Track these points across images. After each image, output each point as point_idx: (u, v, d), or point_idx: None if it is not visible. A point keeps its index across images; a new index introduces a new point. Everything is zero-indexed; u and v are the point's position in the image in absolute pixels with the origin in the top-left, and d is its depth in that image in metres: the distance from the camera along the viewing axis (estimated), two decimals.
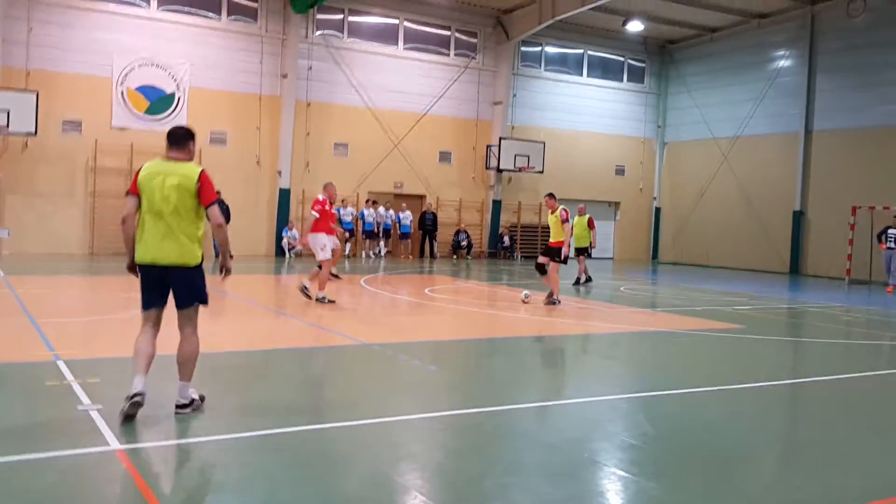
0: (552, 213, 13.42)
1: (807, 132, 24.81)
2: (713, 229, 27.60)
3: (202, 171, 5.33)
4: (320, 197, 12.32)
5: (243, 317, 11.23)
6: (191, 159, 5.47)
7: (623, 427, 5.72)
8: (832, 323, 13.00)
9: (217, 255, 22.22)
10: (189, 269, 5.30)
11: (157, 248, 5.22)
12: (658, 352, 9.73)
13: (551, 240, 13.47)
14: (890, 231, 19.58)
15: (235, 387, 6.65)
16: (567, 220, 13.21)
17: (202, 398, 5.52)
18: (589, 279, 17.38)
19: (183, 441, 4.90)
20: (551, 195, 13.77)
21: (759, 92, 26.30)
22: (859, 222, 22.05)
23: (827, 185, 24.14)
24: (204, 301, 5.48)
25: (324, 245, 11.96)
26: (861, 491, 4.45)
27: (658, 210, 30.43)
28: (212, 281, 5.79)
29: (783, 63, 25.76)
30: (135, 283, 5.45)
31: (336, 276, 15.06)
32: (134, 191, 5.28)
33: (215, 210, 5.30)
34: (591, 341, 10.33)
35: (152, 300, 5.38)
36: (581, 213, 17.94)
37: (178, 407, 5.34)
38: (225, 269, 5.58)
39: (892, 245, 19.37)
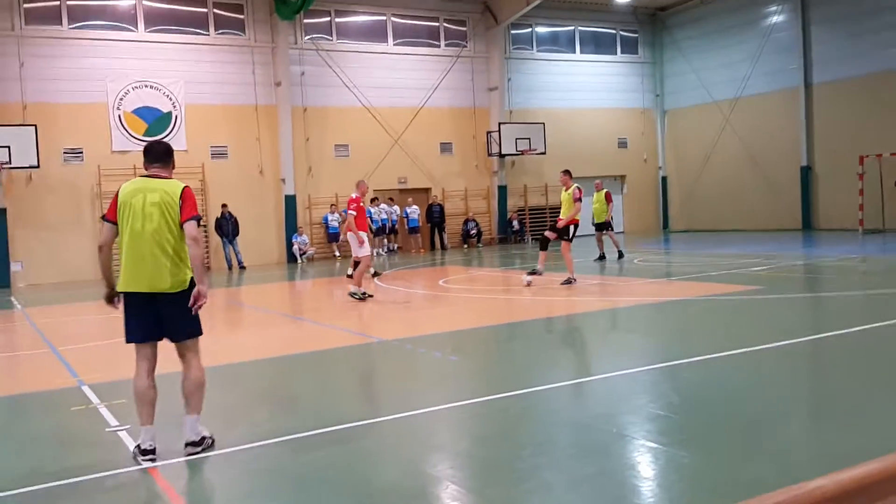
0: (566, 189, 13.22)
1: (807, 86, 24.60)
2: (721, 193, 27.45)
3: (185, 187, 4.93)
4: (354, 195, 12.55)
5: (261, 325, 11.29)
6: (170, 176, 5.05)
7: (649, 399, 5.72)
8: (850, 275, 12.93)
9: (229, 267, 22.27)
10: (180, 295, 4.77)
11: (143, 274, 4.73)
12: (678, 320, 9.71)
13: (561, 217, 13.31)
14: None
15: (260, 393, 6.69)
16: (580, 199, 13.02)
17: (213, 439, 4.92)
18: (602, 257, 17.33)
19: (216, 452, 4.93)
20: (567, 172, 13.57)
21: (756, 50, 26.08)
22: (868, 171, 21.87)
23: (832, 137, 23.94)
24: (198, 332, 4.96)
25: (362, 241, 12.25)
26: (891, 440, 4.44)
27: (664, 179, 30.29)
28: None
29: (776, 19, 25.52)
30: None
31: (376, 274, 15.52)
32: (112, 216, 4.85)
33: (192, 225, 4.79)
34: (610, 316, 10.32)
35: (144, 332, 4.84)
36: (598, 189, 17.86)
37: (188, 444, 4.78)
38: (198, 297, 4.76)
39: None
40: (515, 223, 27.02)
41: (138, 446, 4.72)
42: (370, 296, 12.44)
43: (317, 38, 23.98)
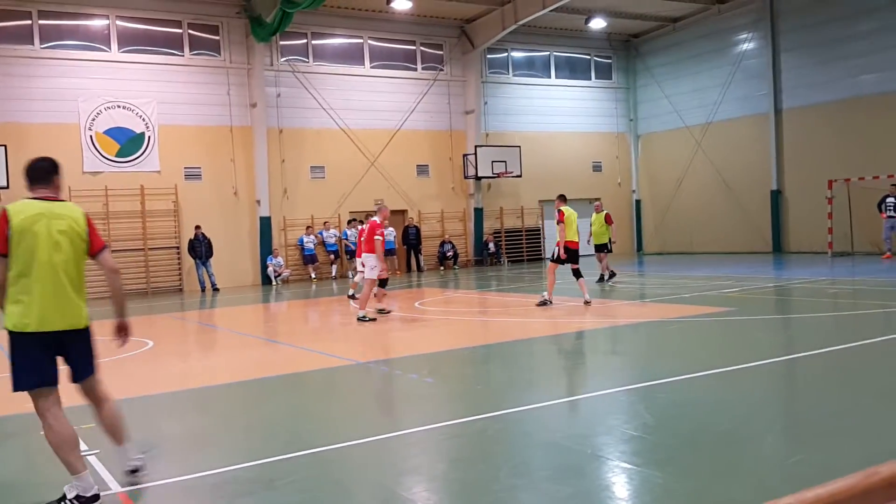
0: (597, 212, 14.26)
1: (776, 112, 25.08)
2: (694, 216, 27.81)
3: (85, 213, 4.52)
4: (377, 220, 12.89)
5: (235, 348, 11.16)
6: (62, 198, 4.51)
7: (623, 420, 5.74)
8: (819, 297, 13.12)
9: (203, 289, 22.08)
10: (87, 331, 4.50)
11: (58, 310, 4.27)
12: (652, 342, 9.77)
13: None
14: (888, 199, 19.91)
15: (232, 417, 6.61)
16: (561, 221, 13.33)
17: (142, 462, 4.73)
18: (613, 274, 17.30)
19: (185, 477, 4.85)
20: (560, 197, 13.93)
21: (726, 77, 26.60)
22: (836, 195, 22.31)
23: (801, 162, 24.40)
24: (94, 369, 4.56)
25: (374, 265, 12.59)
26: (861, 459, 4.48)
27: (638, 202, 30.63)
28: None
29: (747, 46, 26.07)
30: (132, 325, 5.05)
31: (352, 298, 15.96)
32: (2, 249, 4.20)
33: (108, 256, 4.53)
34: (585, 337, 10.36)
35: (49, 376, 4.28)
36: (598, 211, 17.87)
37: (132, 473, 4.62)
38: (122, 329, 4.65)
39: (893, 213, 19.76)
40: (491, 245, 27.12)
41: (84, 497, 4.22)
42: (373, 319, 12.47)
43: (293, 59, 24.04)
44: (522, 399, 6.60)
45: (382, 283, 13.13)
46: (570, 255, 13.43)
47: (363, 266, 13.09)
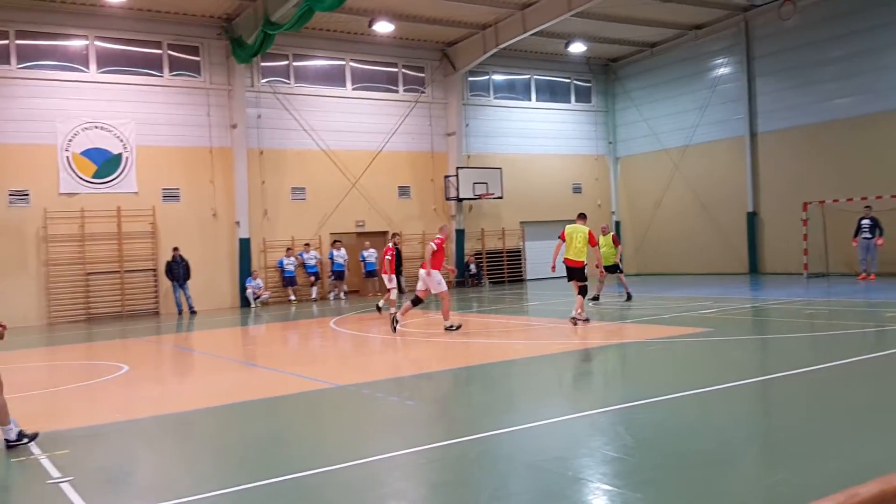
0: (603, 234, 14.63)
1: (752, 135, 25.45)
2: (673, 237, 28.03)
3: None
4: (440, 237, 14.09)
5: (213, 372, 11.04)
6: None
7: (604, 441, 5.73)
8: (796, 317, 13.24)
9: (180, 312, 21.87)
10: None
11: None
12: (632, 362, 9.79)
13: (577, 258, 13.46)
14: (863, 222, 20.22)
15: (208, 443, 6.51)
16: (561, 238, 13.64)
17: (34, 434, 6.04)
18: (628, 297, 17.19)
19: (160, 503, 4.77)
20: (579, 215, 14.25)
21: (703, 100, 26.98)
22: (811, 217, 22.61)
23: (777, 184, 24.73)
24: None
25: (439, 280, 13.51)
26: (840, 477, 4.51)
27: (618, 224, 30.84)
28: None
29: (723, 70, 26.49)
30: (99, 350, 5.11)
31: (379, 310, 17.29)
32: None
33: None
34: (567, 358, 10.35)
35: None
36: (605, 233, 17.75)
37: (10, 444, 5.89)
38: None
39: (867, 235, 20.04)
40: (473, 267, 27.14)
41: None
42: (459, 326, 13.24)
43: (274, 81, 24.06)
44: (503, 421, 6.57)
45: (416, 301, 13.76)
46: (568, 272, 13.44)
47: (403, 281, 14.20)
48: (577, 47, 26.91)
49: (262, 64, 23.82)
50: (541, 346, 11.56)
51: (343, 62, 25.32)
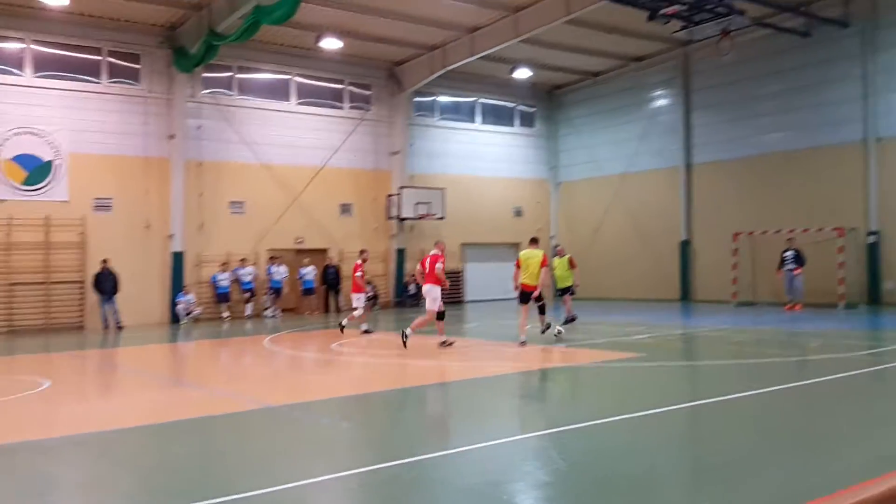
0: (559, 257, 15.43)
1: (687, 166, 26.19)
2: (609, 263, 28.48)
3: None
4: (438, 252, 13.94)
5: (138, 389, 10.68)
6: None
7: (537, 465, 5.73)
8: (724, 345, 13.59)
9: (106, 326, 21.15)
10: None
11: None
12: (565, 387, 9.87)
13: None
14: (787, 254, 20.93)
15: (132, 464, 6.27)
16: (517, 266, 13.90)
17: None
18: (573, 318, 16.55)
19: None
20: (531, 240, 14.64)
21: (642, 130, 27.66)
22: (741, 247, 23.32)
23: (709, 214, 25.45)
24: None
25: (436, 297, 13.50)
26: (767, 502, 4.60)
27: (556, 248, 31.18)
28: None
29: (662, 102, 27.23)
30: (20, 364, 4.84)
31: (368, 332, 16.92)
32: None
33: None
34: (501, 382, 10.37)
35: None
36: (561, 255, 17.44)
37: None
38: None
39: (791, 266, 20.71)
40: (412, 287, 27.05)
41: None
42: (452, 343, 13.41)
43: (216, 92, 23.67)
44: (437, 444, 6.52)
45: (440, 315, 13.67)
46: (522, 296, 13.63)
47: (425, 296, 13.90)
48: (523, 73, 27.30)
49: (205, 75, 23.42)
50: (477, 368, 11.57)
51: (288, 76, 25.09)
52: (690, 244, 26.14)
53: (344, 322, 17.08)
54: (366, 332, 16.76)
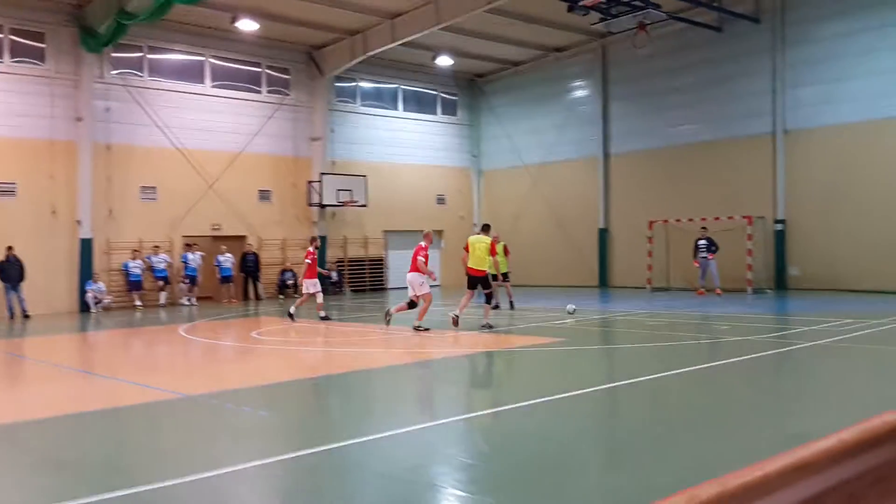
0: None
1: (605, 156, 26.79)
2: (531, 250, 28.87)
3: None
4: (423, 244, 14.07)
5: (48, 381, 10.19)
6: None
7: (459, 449, 5.76)
8: (640, 329, 14.00)
9: (11, 315, 20.20)
10: None
11: None
12: (488, 371, 9.97)
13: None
14: (700, 242, 21.59)
15: (38, 457, 5.98)
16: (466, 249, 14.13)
17: None
18: (497, 306, 17.07)
19: None
20: (484, 227, 14.86)
21: (562, 120, 28.12)
22: (656, 235, 24.06)
23: (626, 203, 26.15)
24: None
25: (422, 283, 13.84)
26: (680, 480, 4.76)
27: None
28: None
29: (581, 93, 27.74)
30: None
31: (292, 317, 16.35)
32: None
33: None
34: (426, 367, 10.39)
35: None
36: (496, 242, 17.62)
37: None
38: None
39: (704, 254, 21.41)
40: (334, 275, 26.77)
41: None
42: (427, 329, 13.49)
43: (126, 73, 22.73)
44: (359, 431, 6.47)
45: (412, 304, 13.75)
46: (470, 280, 13.82)
47: (411, 286, 13.98)
48: (445, 60, 27.30)
49: (114, 55, 22.44)
50: (399, 354, 11.55)
51: (203, 58, 24.33)
52: (608, 232, 26.78)
53: (292, 310, 16.50)
54: (324, 318, 16.30)
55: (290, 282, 25.23)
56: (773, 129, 22.24)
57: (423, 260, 13.78)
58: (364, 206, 26.73)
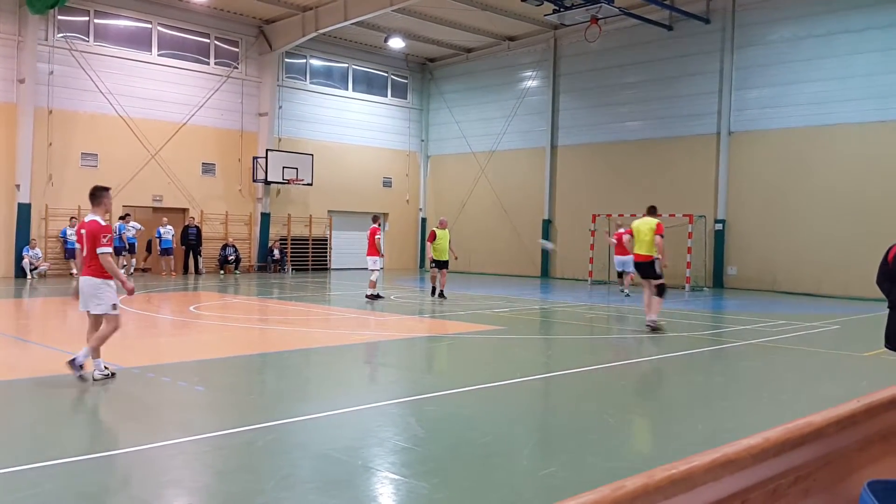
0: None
1: (552, 147, 27.12)
2: (475, 238, 29.13)
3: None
4: (376, 225, 16.63)
5: None
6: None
7: (395, 432, 5.88)
8: (578, 320, 14.33)
9: None
10: None
11: None
12: (427, 356, 10.11)
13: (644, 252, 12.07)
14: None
15: None
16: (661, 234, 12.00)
17: None
18: (441, 293, 16.98)
19: None
20: (650, 209, 12.50)
21: (511, 110, 28.32)
22: (599, 228, 24.51)
23: (570, 195, 26.55)
24: None
25: (375, 261, 16.33)
26: (609, 471, 4.98)
27: (424, 220, 31.54)
28: None
29: (531, 83, 27.96)
30: None
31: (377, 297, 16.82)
32: None
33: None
34: (363, 350, 10.47)
35: None
36: (443, 227, 17.28)
37: None
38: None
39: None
40: (276, 252, 26.55)
41: None
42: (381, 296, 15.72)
43: (71, 36, 22.01)
44: (295, 410, 6.54)
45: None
46: (640, 269, 12.28)
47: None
48: (397, 42, 27.18)
49: (59, 17, 21.69)
50: (339, 335, 11.60)
51: (150, 25, 23.69)
52: (552, 223, 27.16)
53: (370, 292, 16.39)
54: (372, 297, 16.31)
55: (231, 257, 24.92)
56: (717, 129, 22.84)
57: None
58: (310, 184, 26.53)
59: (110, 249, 7.45)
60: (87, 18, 22.36)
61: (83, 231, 7.67)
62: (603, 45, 23.86)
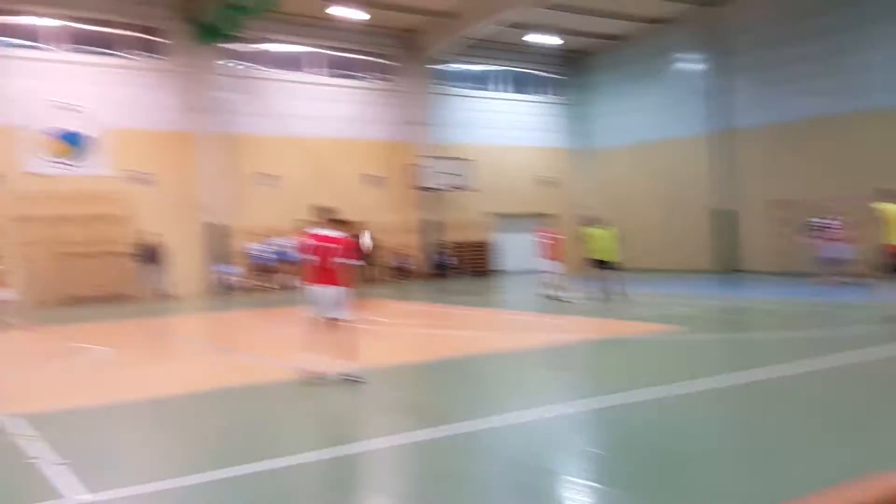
0: None
1: (728, 131, 25.02)
2: (641, 232, 27.47)
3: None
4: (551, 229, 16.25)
5: (192, 356, 10.82)
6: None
7: (586, 439, 5.74)
8: (773, 318, 13.34)
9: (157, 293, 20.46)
10: None
11: None
12: (608, 360, 9.81)
13: None
14: (821, 221, 19.40)
15: (217, 425, 6.38)
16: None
17: None
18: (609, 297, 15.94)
19: None
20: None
21: (669, 95, 26.84)
22: (785, 216, 22.44)
23: (750, 181, 24.33)
24: None
25: (552, 264, 16.23)
26: (818, 479, 4.57)
27: (585, 218, 30.50)
28: None
29: (690, 66, 26.27)
30: (71, 331, 4.85)
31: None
32: None
33: None
34: (542, 354, 10.28)
35: None
36: (599, 225, 16.71)
37: None
38: None
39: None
40: (452, 259, 26.80)
41: None
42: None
43: (237, 64, 23.58)
44: (485, 414, 6.51)
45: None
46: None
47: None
48: (545, 38, 26.67)
49: (226, 47, 23.43)
50: (513, 340, 11.54)
51: (304, 48, 25.14)
52: (735, 213, 24.93)
53: (561, 297, 16.14)
54: (551, 297, 16.28)
55: (404, 265, 25.48)
56: None
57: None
58: (470, 189, 26.62)
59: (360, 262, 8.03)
60: (249, 46, 23.96)
61: (324, 244, 8.08)
62: (773, 17, 22.05)
